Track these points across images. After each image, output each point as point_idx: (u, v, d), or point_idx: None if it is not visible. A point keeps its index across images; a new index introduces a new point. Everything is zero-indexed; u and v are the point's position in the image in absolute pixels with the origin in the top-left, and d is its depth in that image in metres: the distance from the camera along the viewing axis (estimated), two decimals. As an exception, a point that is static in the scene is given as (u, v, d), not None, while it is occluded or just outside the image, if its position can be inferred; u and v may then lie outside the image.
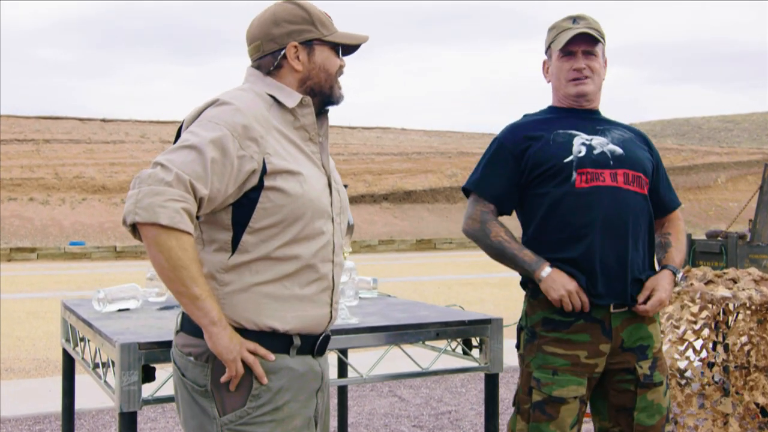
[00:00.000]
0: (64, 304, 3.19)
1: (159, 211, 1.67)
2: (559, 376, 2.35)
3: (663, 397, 2.42)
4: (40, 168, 32.77)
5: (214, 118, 1.80)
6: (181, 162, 1.72)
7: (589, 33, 2.41)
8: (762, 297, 3.52)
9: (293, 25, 1.92)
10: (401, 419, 5.00)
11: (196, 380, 1.84)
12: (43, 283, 15.04)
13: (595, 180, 2.34)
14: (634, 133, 2.54)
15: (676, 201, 2.62)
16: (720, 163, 49.44)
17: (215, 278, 1.83)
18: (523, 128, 2.49)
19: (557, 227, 2.36)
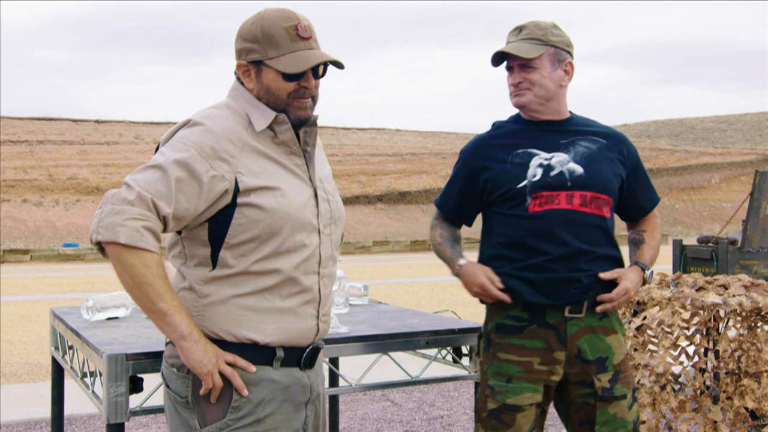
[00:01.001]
0: (53, 312, 3.17)
1: (119, 230, 1.72)
2: (513, 383, 2.33)
3: (627, 411, 2.35)
4: (33, 169, 32.68)
5: (183, 139, 1.82)
6: (145, 181, 1.76)
7: (508, 52, 2.34)
8: (752, 303, 3.53)
9: (246, 42, 1.89)
10: (393, 424, 4.99)
11: (177, 391, 1.86)
12: (36, 286, 14.99)
13: (549, 203, 2.32)
14: (606, 138, 2.43)
15: (653, 200, 2.56)
16: (714, 164, 49.58)
17: (194, 290, 1.85)
18: (486, 145, 2.46)
19: (509, 246, 2.37)
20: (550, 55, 2.36)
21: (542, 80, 2.35)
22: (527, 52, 2.33)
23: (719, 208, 43.31)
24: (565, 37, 2.40)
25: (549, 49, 2.35)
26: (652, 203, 2.56)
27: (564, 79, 2.39)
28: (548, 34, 2.36)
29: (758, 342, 3.66)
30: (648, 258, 2.46)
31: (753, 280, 3.73)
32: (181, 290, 1.87)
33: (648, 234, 2.52)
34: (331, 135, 43.11)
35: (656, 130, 72.85)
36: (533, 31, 2.37)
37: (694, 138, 67.32)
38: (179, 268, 1.89)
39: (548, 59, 2.36)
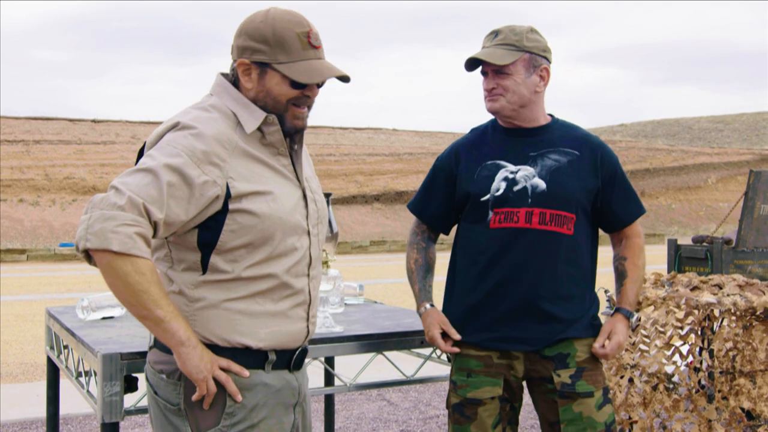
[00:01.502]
0: (48, 312, 3.18)
1: (111, 236, 1.64)
2: (473, 377, 2.37)
3: (597, 412, 2.31)
4: (30, 169, 32.62)
5: (173, 142, 1.75)
6: (136, 185, 1.69)
7: (479, 59, 2.32)
8: (747, 303, 3.53)
9: (252, 41, 1.82)
10: (389, 423, 5.00)
11: (168, 399, 1.82)
12: (32, 285, 14.96)
13: (508, 220, 2.32)
14: (580, 149, 2.38)
15: (632, 212, 2.46)
16: (710, 164, 49.61)
17: (185, 294, 1.81)
18: (460, 152, 2.46)
19: (470, 262, 2.40)
20: (525, 61, 2.33)
21: (516, 86, 2.32)
22: (500, 59, 2.30)
23: (716, 208, 43.36)
24: (541, 42, 2.36)
25: (523, 54, 2.32)
26: (630, 216, 2.46)
27: (539, 85, 2.36)
28: (523, 40, 2.32)
29: (753, 341, 3.67)
30: (631, 299, 2.43)
31: (747, 280, 3.73)
32: (170, 294, 1.82)
33: (629, 263, 2.45)
34: (329, 135, 43.10)
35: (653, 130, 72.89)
36: (508, 36, 2.33)
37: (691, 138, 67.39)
38: (165, 271, 1.84)
39: (522, 65, 2.32)
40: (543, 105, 2.43)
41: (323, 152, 39.45)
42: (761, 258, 5.11)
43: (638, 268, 2.45)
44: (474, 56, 2.33)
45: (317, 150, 39.36)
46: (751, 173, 4.95)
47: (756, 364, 3.68)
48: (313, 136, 41.55)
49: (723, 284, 3.70)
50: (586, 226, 2.39)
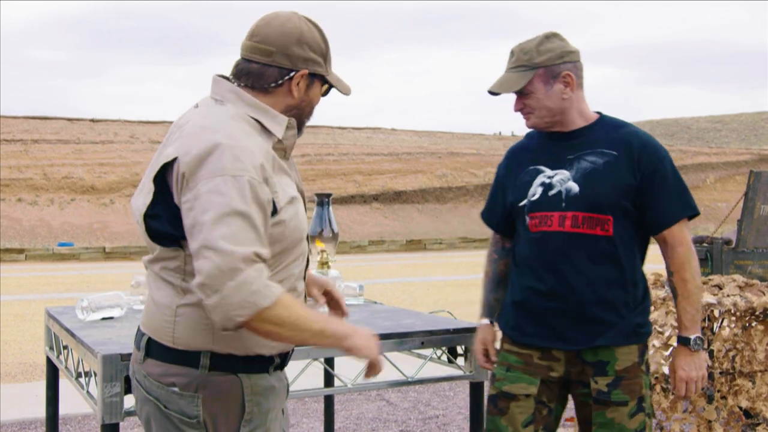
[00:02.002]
0: (47, 312, 3.17)
1: (256, 299, 1.59)
2: (511, 372, 2.43)
3: (628, 419, 2.32)
4: (28, 168, 32.59)
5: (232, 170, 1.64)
6: (233, 236, 1.60)
7: (495, 91, 2.36)
8: (746, 303, 3.54)
9: (313, 53, 1.83)
10: (389, 424, 5.00)
11: (184, 412, 1.76)
12: (31, 285, 14.95)
13: (543, 225, 2.37)
14: (619, 148, 2.33)
15: (669, 214, 2.33)
16: (709, 164, 49.65)
17: (203, 307, 1.73)
18: (512, 158, 2.55)
19: (517, 263, 2.49)
20: (540, 76, 2.32)
21: (539, 102, 2.34)
22: (513, 85, 2.34)
23: (714, 208, 43.39)
24: (554, 50, 2.32)
25: (537, 71, 2.31)
26: (667, 218, 2.33)
27: (565, 92, 2.33)
28: (533, 57, 2.31)
29: (752, 342, 3.67)
30: (687, 321, 2.32)
31: (747, 281, 3.74)
32: (185, 306, 1.75)
33: (677, 278, 2.33)
34: (327, 134, 43.08)
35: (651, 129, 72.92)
36: (519, 57, 2.34)
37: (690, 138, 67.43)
38: (178, 283, 1.75)
39: (539, 81, 2.32)
40: (581, 105, 2.40)
41: (322, 152, 39.44)
42: (761, 258, 5.12)
43: (686, 282, 2.32)
44: (490, 89, 2.39)
45: (316, 150, 39.35)
46: (751, 174, 4.95)
47: (755, 365, 3.68)
48: (312, 135, 41.54)
49: (723, 285, 3.70)
50: (628, 227, 2.35)
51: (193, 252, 1.63)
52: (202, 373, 1.75)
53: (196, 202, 1.63)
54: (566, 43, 2.36)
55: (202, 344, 1.75)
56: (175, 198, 1.70)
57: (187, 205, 1.65)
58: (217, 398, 1.75)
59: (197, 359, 1.75)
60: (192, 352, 1.75)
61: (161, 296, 1.78)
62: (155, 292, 1.81)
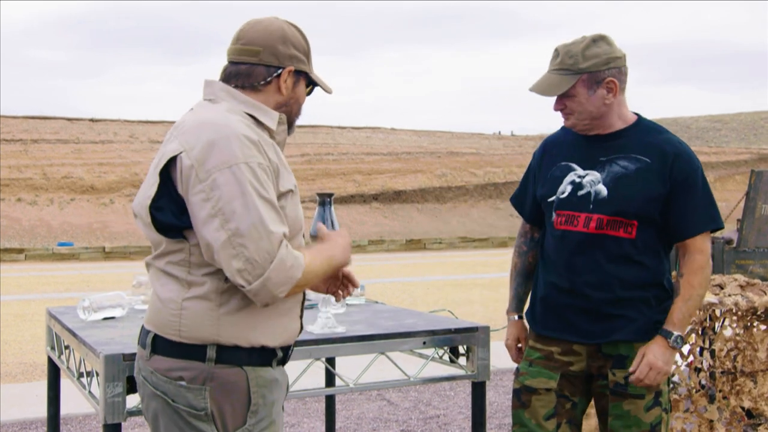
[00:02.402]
0: (49, 312, 3.17)
1: (293, 273, 1.74)
2: (533, 367, 2.49)
3: (645, 413, 2.37)
4: (28, 168, 32.58)
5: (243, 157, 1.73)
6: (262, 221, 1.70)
7: (537, 90, 2.36)
8: (748, 303, 3.54)
9: (297, 51, 1.93)
10: (390, 423, 5.00)
11: (192, 405, 1.79)
12: (30, 285, 14.94)
13: (568, 224, 2.40)
14: (652, 156, 2.34)
15: (693, 226, 2.35)
16: (708, 163, 49.66)
17: (210, 300, 1.79)
18: (546, 149, 2.56)
19: (542, 256, 2.53)
20: (584, 81, 2.31)
21: (581, 106, 2.34)
22: (556, 89, 2.33)
23: (714, 208, 43.39)
24: (600, 56, 2.30)
25: (581, 76, 2.30)
26: (690, 229, 2.34)
27: (607, 97, 2.33)
28: (579, 61, 2.30)
29: (754, 342, 3.67)
30: (676, 319, 2.34)
31: (748, 280, 3.74)
32: (190, 299, 1.79)
33: (684, 280, 2.35)
34: (327, 134, 43.07)
35: (651, 129, 72.91)
36: (564, 59, 2.32)
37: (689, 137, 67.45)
38: (184, 277, 1.80)
39: (583, 85, 2.32)
40: (621, 109, 2.40)
41: (321, 151, 39.44)
42: (762, 258, 5.11)
43: (692, 287, 2.34)
44: (530, 89, 2.38)
45: (315, 149, 39.35)
46: (753, 173, 4.95)
47: (757, 364, 3.68)
48: (312, 135, 41.53)
49: (724, 284, 3.70)
50: (652, 233, 2.37)
51: (220, 243, 1.69)
52: (209, 366, 1.78)
53: (213, 193, 1.69)
54: (613, 48, 2.34)
55: (209, 336, 1.78)
56: (180, 190, 1.75)
57: (201, 195, 1.71)
58: (224, 390, 1.80)
59: (203, 352, 1.78)
60: (198, 346, 1.79)
61: (166, 291, 1.82)
62: (159, 289, 1.84)
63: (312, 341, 2.53)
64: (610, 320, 2.38)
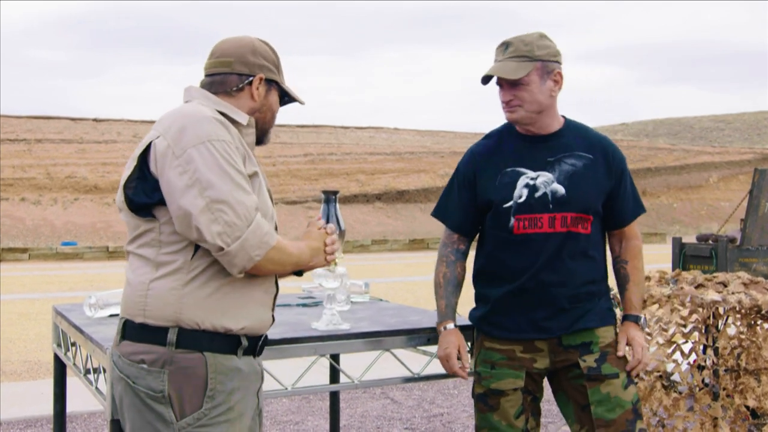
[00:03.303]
0: (55, 309, 3.18)
1: (268, 239, 1.86)
2: (496, 369, 2.48)
3: (623, 391, 2.41)
4: (31, 168, 32.65)
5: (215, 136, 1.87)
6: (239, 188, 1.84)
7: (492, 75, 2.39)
8: (751, 301, 3.54)
9: (266, 61, 2.07)
10: (393, 422, 5.01)
11: (150, 387, 1.87)
12: (34, 284, 14.98)
13: (531, 226, 2.41)
14: (593, 152, 2.45)
15: (632, 213, 2.53)
16: (712, 163, 49.60)
17: (177, 279, 1.88)
18: (479, 158, 2.54)
19: (496, 265, 2.51)
20: (538, 69, 2.38)
21: (533, 96, 2.38)
22: (514, 73, 2.36)
23: (717, 207, 43.34)
24: (551, 47, 2.40)
25: (536, 64, 2.37)
26: (629, 216, 2.53)
27: (554, 90, 2.41)
28: (534, 49, 2.37)
29: (758, 340, 3.67)
30: (636, 303, 2.52)
31: (752, 278, 3.74)
32: (157, 279, 1.88)
33: (631, 266, 2.53)
34: (330, 134, 43.09)
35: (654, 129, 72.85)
36: (519, 47, 2.37)
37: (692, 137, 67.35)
38: (154, 258, 1.90)
39: (537, 74, 2.38)
40: (557, 108, 2.48)
41: (324, 151, 39.46)
42: (766, 256, 5.11)
43: (639, 271, 2.53)
44: (488, 73, 2.40)
45: (318, 149, 39.37)
46: (756, 171, 4.96)
47: (761, 362, 3.68)
48: (315, 135, 41.55)
49: (728, 282, 3.70)
50: (598, 224, 2.49)
51: (198, 209, 1.80)
52: (169, 350, 1.86)
53: (189, 166, 1.82)
54: (555, 45, 2.45)
55: (171, 314, 1.87)
56: (152, 167, 1.87)
57: (177, 170, 1.83)
58: (183, 374, 1.86)
59: (165, 336, 1.87)
60: (160, 329, 1.87)
61: (136, 276, 1.92)
62: (130, 274, 1.94)
63: (317, 338, 2.53)
64: (568, 313, 2.43)
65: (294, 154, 38.65)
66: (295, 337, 2.51)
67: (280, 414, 5.18)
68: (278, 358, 2.45)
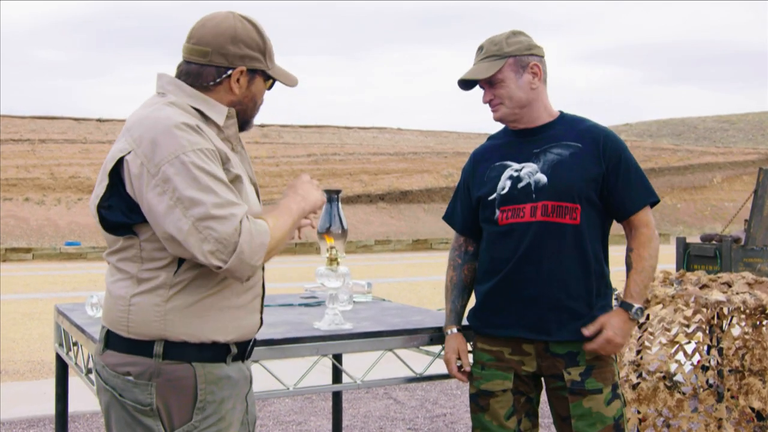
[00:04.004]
0: (57, 309, 3.18)
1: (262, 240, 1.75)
2: (485, 370, 2.49)
3: (606, 407, 2.38)
4: (35, 168, 32.69)
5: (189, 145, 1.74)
6: (222, 200, 1.71)
7: (468, 79, 2.42)
8: (756, 301, 3.52)
9: (249, 49, 1.90)
10: (396, 422, 5.00)
11: (138, 400, 1.80)
12: (38, 284, 15.00)
13: (514, 216, 2.41)
14: (583, 141, 2.42)
15: (638, 200, 2.42)
16: (716, 163, 49.50)
17: (159, 295, 1.80)
18: (477, 158, 2.60)
19: (486, 259, 2.52)
20: (511, 65, 2.42)
21: (511, 92, 2.42)
22: (485, 72, 2.41)
23: (721, 208, 43.25)
24: (522, 42, 2.43)
25: (507, 60, 2.41)
26: (634, 203, 2.42)
27: (533, 82, 2.43)
28: (503, 47, 2.42)
29: (763, 340, 3.65)
30: (634, 291, 2.39)
31: (757, 278, 3.72)
32: (138, 295, 1.80)
33: (635, 254, 2.41)
34: (333, 134, 43.09)
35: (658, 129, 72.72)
36: (489, 48, 2.44)
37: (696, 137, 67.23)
38: (135, 273, 1.81)
39: (510, 69, 2.41)
40: (545, 101, 2.49)
41: (328, 151, 39.46)
42: (770, 256, 5.10)
43: (643, 259, 2.40)
44: (462, 77, 2.45)
45: (322, 149, 39.37)
46: (761, 171, 4.94)
47: (766, 363, 3.66)
48: (318, 135, 41.56)
49: (732, 282, 3.68)
50: (593, 216, 2.41)
51: (185, 231, 1.69)
52: (156, 362, 1.79)
53: (167, 185, 1.71)
54: (531, 39, 2.48)
55: (156, 332, 1.80)
56: (128, 188, 1.76)
57: (156, 190, 1.71)
58: (171, 386, 1.80)
59: (151, 348, 1.80)
60: (146, 342, 1.80)
61: (117, 288, 1.84)
62: (111, 285, 1.87)
63: (319, 338, 2.53)
64: (557, 314, 2.38)
65: (297, 154, 38.66)
66: (296, 337, 2.50)
67: (283, 414, 5.17)
68: (280, 357, 2.44)
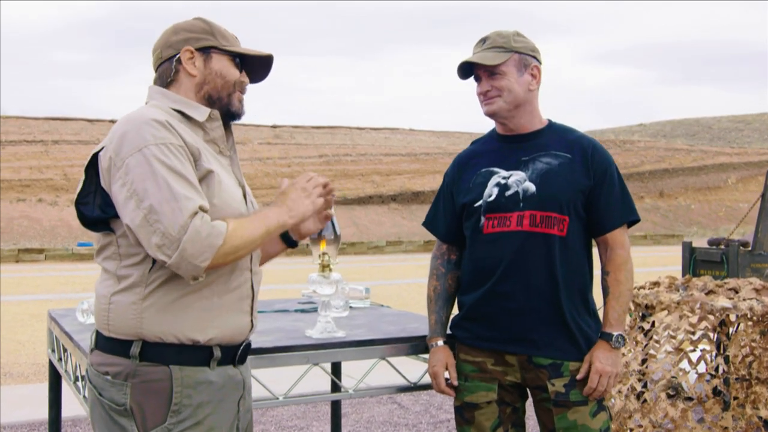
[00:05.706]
0: (49, 314, 3.14)
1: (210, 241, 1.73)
2: (469, 382, 2.44)
3: (591, 419, 2.34)
4: (48, 169, 32.87)
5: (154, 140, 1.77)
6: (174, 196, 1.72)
7: (473, 62, 2.37)
8: (764, 307, 3.44)
9: (191, 33, 1.96)
10: (400, 427, 4.94)
11: (113, 399, 1.83)
12: (49, 285, 15.04)
13: (501, 225, 2.36)
14: (572, 151, 2.38)
15: (616, 218, 2.38)
16: (730, 164, 49.15)
17: (136, 293, 1.83)
18: (461, 163, 2.55)
19: (470, 268, 2.46)
20: (515, 61, 2.38)
21: (510, 86, 2.37)
22: (492, 60, 2.36)
23: (736, 209, 42.92)
24: (528, 43, 2.42)
25: (513, 54, 2.38)
26: (612, 221, 2.37)
27: (532, 84, 2.40)
28: (511, 41, 2.39)
29: (770, 347, 3.57)
30: (613, 319, 2.36)
31: (764, 284, 3.64)
32: (118, 293, 1.84)
33: (611, 278, 2.38)
34: (345, 135, 43.09)
35: (672, 129, 72.28)
36: (495, 39, 2.40)
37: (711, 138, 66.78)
38: (115, 271, 1.86)
39: (514, 65, 2.38)
40: (537, 107, 2.46)
41: (339, 152, 39.46)
42: (779, 261, 4.99)
43: (620, 283, 2.37)
44: (466, 60, 2.40)
45: (333, 150, 39.38)
46: (769, 174, 4.84)
47: (773, 371, 3.58)
48: (330, 136, 41.58)
49: (739, 288, 3.61)
50: (579, 229, 2.39)
51: (137, 223, 1.73)
52: (133, 363, 1.82)
53: (127, 177, 1.75)
54: (532, 42, 2.46)
55: (132, 330, 1.82)
56: (103, 182, 1.81)
57: (119, 182, 1.76)
58: (145, 387, 1.82)
59: (129, 349, 1.83)
60: (125, 342, 1.83)
61: (102, 288, 1.89)
62: (98, 285, 1.91)
63: (309, 346, 2.48)
64: (544, 327, 2.34)
65: (309, 155, 38.69)
66: (287, 346, 2.45)
67: (285, 419, 5.13)
68: (269, 366, 2.40)
